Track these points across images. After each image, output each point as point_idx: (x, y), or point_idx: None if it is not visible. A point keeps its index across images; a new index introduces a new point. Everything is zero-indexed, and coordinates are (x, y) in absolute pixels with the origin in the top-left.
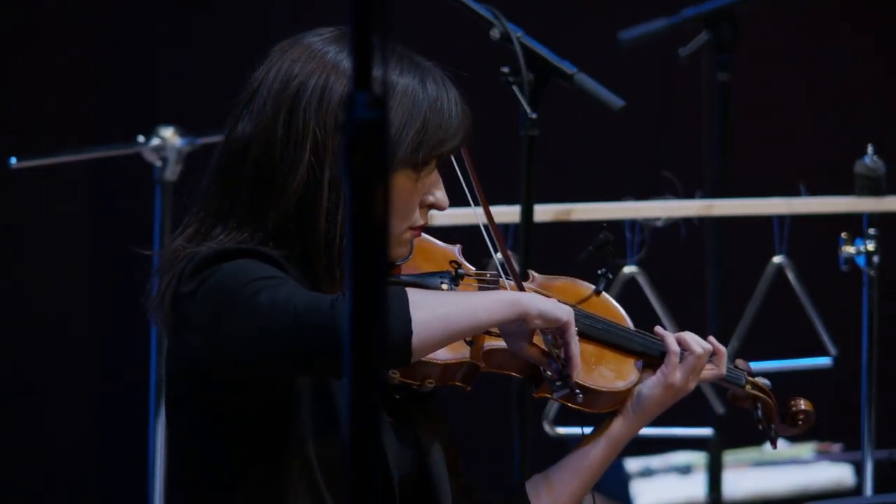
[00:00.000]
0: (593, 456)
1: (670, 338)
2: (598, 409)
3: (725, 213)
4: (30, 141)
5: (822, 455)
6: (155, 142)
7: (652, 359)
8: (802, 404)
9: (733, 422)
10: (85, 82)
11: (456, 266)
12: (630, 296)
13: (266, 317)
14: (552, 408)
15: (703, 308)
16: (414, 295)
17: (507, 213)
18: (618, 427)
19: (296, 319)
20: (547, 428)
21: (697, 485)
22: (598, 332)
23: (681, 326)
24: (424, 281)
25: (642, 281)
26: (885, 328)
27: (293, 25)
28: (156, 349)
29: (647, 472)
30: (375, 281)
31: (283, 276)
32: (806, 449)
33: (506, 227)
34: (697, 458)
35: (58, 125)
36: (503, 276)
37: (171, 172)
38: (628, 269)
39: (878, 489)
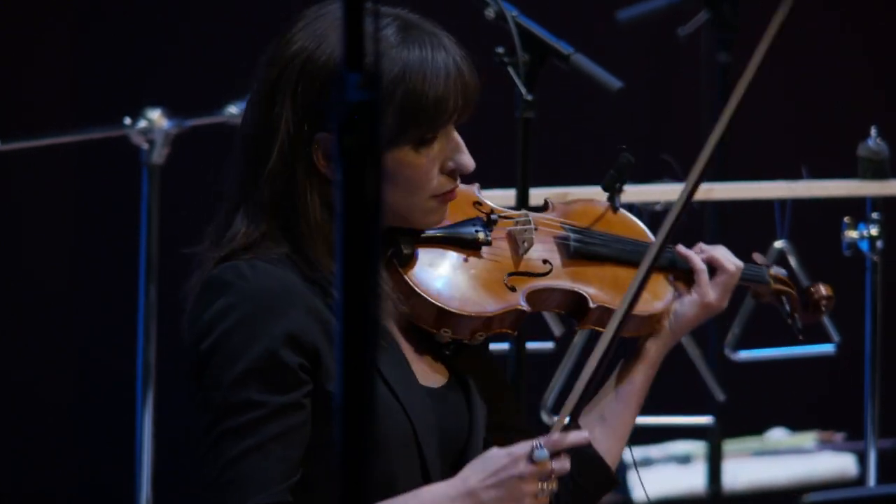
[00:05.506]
0: (637, 381)
1: (695, 258)
2: (640, 332)
3: (725, 196)
4: (14, 123)
5: (825, 444)
6: (142, 124)
7: (681, 272)
8: (823, 290)
9: (734, 410)
10: (70, 62)
11: (487, 212)
12: None
13: (214, 466)
14: (551, 395)
15: None
16: None
17: (502, 197)
18: (654, 349)
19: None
20: (545, 417)
21: (697, 475)
22: (628, 255)
23: None
24: (458, 232)
25: None
26: (888, 314)
27: (283, 1)
28: (143, 334)
29: (646, 462)
30: (367, 268)
31: (264, 416)
32: (808, 438)
33: None
34: (697, 447)
35: (43, 106)
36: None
37: (159, 155)
38: None
39: (881, 479)
